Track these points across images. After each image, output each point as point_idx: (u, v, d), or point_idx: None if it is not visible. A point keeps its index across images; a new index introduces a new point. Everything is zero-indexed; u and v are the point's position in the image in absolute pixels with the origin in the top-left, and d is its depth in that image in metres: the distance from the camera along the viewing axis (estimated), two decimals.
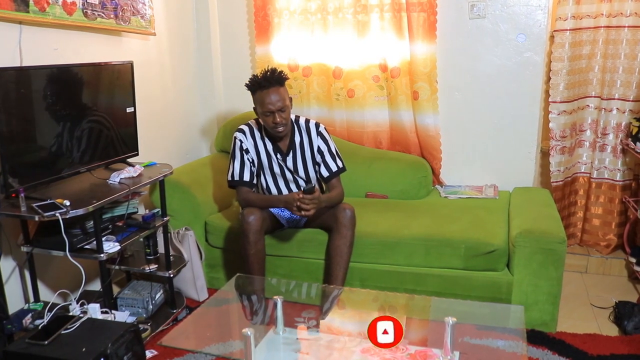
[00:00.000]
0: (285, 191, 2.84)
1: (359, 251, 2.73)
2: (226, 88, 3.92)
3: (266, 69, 2.63)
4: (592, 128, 3.38)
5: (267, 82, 2.58)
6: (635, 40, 3.13)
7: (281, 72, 2.64)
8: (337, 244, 2.64)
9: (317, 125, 2.83)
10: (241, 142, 2.77)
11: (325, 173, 2.81)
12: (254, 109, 2.72)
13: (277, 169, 2.81)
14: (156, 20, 3.20)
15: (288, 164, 2.80)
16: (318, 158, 2.81)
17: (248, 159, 2.77)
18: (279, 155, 2.78)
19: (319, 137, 2.80)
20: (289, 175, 2.82)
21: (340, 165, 2.84)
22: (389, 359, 1.86)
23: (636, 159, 3.28)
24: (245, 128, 2.80)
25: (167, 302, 2.76)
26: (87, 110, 2.45)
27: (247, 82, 2.67)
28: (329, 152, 2.81)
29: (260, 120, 2.73)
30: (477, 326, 2.17)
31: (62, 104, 2.29)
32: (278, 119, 2.60)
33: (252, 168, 2.79)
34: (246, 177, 2.76)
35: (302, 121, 2.82)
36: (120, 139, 2.67)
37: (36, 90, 2.17)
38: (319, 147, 2.80)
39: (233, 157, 2.78)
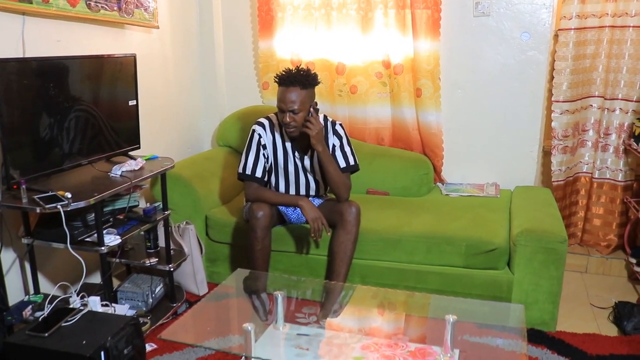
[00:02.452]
0: (300, 190, 2.84)
1: (360, 248, 2.73)
2: (228, 82, 3.91)
3: (298, 67, 2.60)
4: (594, 128, 3.37)
5: (290, 79, 2.53)
6: None
7: (309, 75, 2.59)
8: (341, 240, 2.64)
9: (333, 123, 2.79)
10: (260, 136, 2.72)
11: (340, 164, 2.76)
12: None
13: (291, 168, 2.78)
14: (159, 13, 3.19)
15: (305, 163, 2.78)
16: (338, 152, 2.77)
17: (264, 154, 2.73)
18: (297, 154, 2.76)
19: (334, 135, 2.77)
20: (302, 176, 2.81)
21: (352, 162, 2.77)
22: (388, 355, 1.85)
23: (638, 160, 3.27)
24: (265, 122, 2.76)
25: (167, 296, 2.76)
26: (90, 103, 2.44)
27: (276, 75, 2.61)
28: (340, 148, 2.76)
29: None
30: (477, 324, 2.17)
31: (64, 96, 2.28)
32: (287, 119, 2.56)
33: (266, 165, 2.76)
34: (258, 174, 2.72)
35: (327, 122, 2.78)
36: (122, 132, 2.66)
37: (38, 82, 2.16)
38: (333, 144, 2.76)
39: (248, 150, 2.73)
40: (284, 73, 2.58)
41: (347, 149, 2.78)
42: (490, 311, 2.41)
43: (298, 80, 2.53)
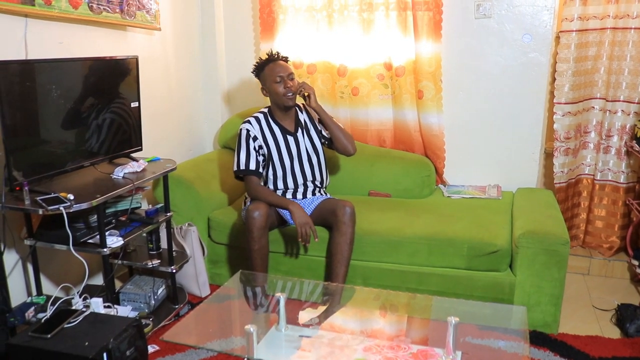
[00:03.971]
0: (297, 179, 2.90)
1: (362, 249, 2.74)
2: (230, 84, 3.92)
3: (269, 52, 2.88)
4: (596, 130, 3.37)
5: (274, 56, 2.84)
6: None
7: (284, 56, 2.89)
8: (337, 241, 2.65)
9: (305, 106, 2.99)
10: (248, 130, 2.81)
11: (327, 134, 2.93)
12: (262, 89, 2.87)
13: (286, 155, 2.86)
14: (161, 15, 3.20)
15: (299, 139, 2.90)
16: (320, 127, 2.96)
17: (254, 147, 2.80)
18: (289, 137, 2.87)
19: (314, 109, 2.90)
20: (297, 161, 2.87)
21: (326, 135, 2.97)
22: (390, 357, 1.85)
23: None
24: (251, 119, 2.88)
25: (169, 298, 2.76)
26: (92, 105, 2.44)
27: (254, 66, 2.90)
28: (319, 121, 2.95)
29: (269, 97, 2.86)
30: (479, 326, 2.17)
31: (66, 98, 2.29)
32: (290, 84, 2.77)
33: (259, 157, 2.81)
34: (252, 166, 2.78)
35: (299, 103, 2.96)
36: (125, 134, 2.66)
37: (41, 84, 2.16)
38: (318, 118, 2.94)
39: (239, 148, 2.81)
40: (263, 57, 2.88)
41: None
42: (492, 313, 2.40)
43: (279, 56, 2.86)
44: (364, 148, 3.52)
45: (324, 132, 2.94)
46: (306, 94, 2.84)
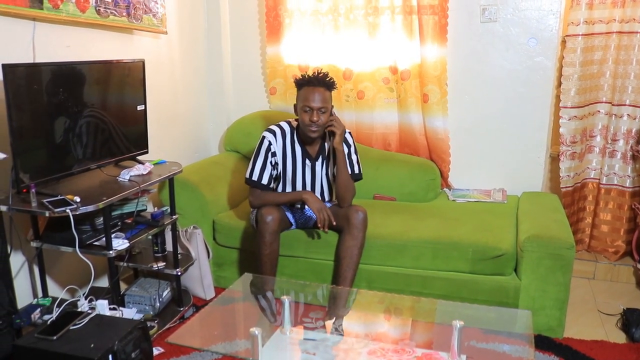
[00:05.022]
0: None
1: (367, 253, 2.73)
2: (236, 88, 3.93)
3: (319, 71, 2.66)
4: (602, 134, 3.36)
5: (316, 81, 2.62)
6: None
7: (331, 78, 2.66)
8: (348, 245, 2.64)
9: (343, 131, 2.78)
10: (270, 143, 2.74)
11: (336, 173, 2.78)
12: (294, 106, 2.72)
13: (300, 176, 2.80)
14: (168, 19, 3.21)
15: (316, 169, 2.80)
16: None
17: (271, 162, 2.75)
18: (307, 161, 2.79)
19: (344, 142, 2.76)
20: (310, 184, 2.82)
21: (357, 171, 2.83)
22: None
23: None
24: (277, 129, 2.78)
25: (174, 300, 2.77)
26: (99, 108, 2.46)
27: (297, 78, 2.70)
28: (348, 156, 2.79)
29: (297, 119, 2.74)
30: (484, 330, 2.16)
31: (73, 101, 2.30)
32: (315, 118, 2.60)
33: (273, 172, 2.78)
34: (264, 181, 2.75)
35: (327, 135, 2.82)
36: (131, 137, 2.68)
37: (48, 87, 2.17)
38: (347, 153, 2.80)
39: (257, 156, 2.75)
40: (308, 75, 2.65)
41: (354, 157, 2.83)
42: (497, 317, 2.40)
43: (323, 81, 2.62)
44: (369, 151, 3.52)
45: (334, 170, 2.79)
46: (333, 130, 2.67)
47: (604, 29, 3.18)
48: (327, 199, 2.91)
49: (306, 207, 2.84)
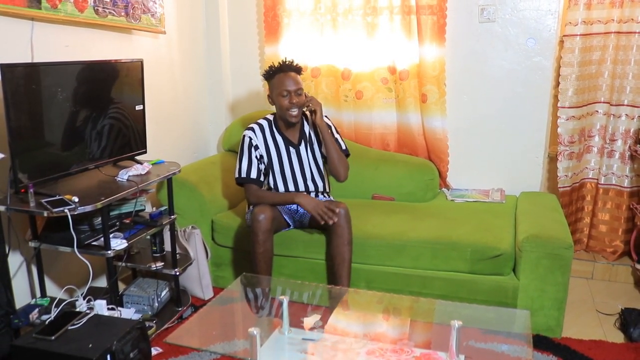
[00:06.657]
0: (298, 189, 2.88)
1: (365, 253, 2.74)
2: (234, 87, 3.93)
3: (283, 59, 2.80)
4: (600, 134, 3.37)
5: (286, 67, 2.77)
6: None
7: (298, 64, 2.82)
8: (335, 244, 2.65)
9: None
10: (250, 139, 2.81)
11: (325, 151, 2.87)
12: (268, 97, 2.83)
13: (287, 165, 2.85)
14: (166, 19, 3.21)
15: (301, 153, 2.87)
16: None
17: (256, 156, 2.80)
18: (291, 148, 2.85)
19: (324, 117, 2.86)
20: (299, 171, 2.86)
21: (344, 147, 2.92)
22: None
23: None
24: (255, 126, 2.86)
25: (172, 300, 2.77)
26: (97, 108, 2.46)
27: (265, 70, 2.83)
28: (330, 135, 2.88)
29: (273, 113, 2.84)
30: (482, 330, 2.17)
31: (72, 101, 2.30)
32: (295, 100, 2.72)
33: (260, 166, 2.82)
34: (253, 175, 2.79)
35: (308, 114, 2.91)
36: (129, 137, 2.68)
37: (46, 87, 2.17)
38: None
39: (241, 155, 2.82)
40: (275, 65, 2.79)
41: (337, 135, 2.93)
42: (495, 317, 2.40)
43: (292, 67, 2.79)
44: (368, 152, 3.52)
45: (323, 151, 2.90)
46: (313, 109, 2.81)
47: (602, 29, 3.18)
48: (319, 185, 2.93)
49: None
